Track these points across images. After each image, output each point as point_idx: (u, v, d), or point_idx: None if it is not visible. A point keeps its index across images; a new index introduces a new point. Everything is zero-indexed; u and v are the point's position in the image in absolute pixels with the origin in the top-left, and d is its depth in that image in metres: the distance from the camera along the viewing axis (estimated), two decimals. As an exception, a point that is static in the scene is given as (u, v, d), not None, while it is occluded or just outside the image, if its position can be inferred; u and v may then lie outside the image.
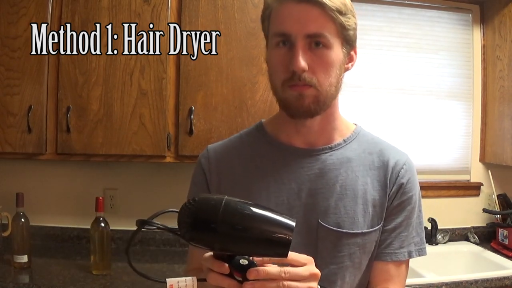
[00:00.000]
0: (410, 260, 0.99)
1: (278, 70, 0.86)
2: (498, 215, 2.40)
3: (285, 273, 0.69)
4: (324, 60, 0.84)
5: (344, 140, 0.96)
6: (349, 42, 0.88)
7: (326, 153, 0.93)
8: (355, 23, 0.88)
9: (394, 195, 0.93)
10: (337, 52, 0.86)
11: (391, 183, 0.93)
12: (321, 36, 0.83)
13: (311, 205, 0.90)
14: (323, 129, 0.94)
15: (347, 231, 0.89)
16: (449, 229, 2.43)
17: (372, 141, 0.98)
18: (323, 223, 0.89)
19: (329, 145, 0.94)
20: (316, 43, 0.84)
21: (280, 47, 0.85)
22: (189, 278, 0.73)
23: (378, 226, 0.92)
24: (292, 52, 0.83)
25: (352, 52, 0.92)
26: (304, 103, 0.85)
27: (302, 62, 0.82)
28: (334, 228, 0.89)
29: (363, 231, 0.90)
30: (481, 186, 2.54)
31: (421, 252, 0.97)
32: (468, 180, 2.56)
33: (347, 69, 0.92)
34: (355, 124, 1.01)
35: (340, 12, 0.83)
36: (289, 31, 0.83)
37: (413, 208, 0.95)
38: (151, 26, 1.89)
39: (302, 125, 0.92)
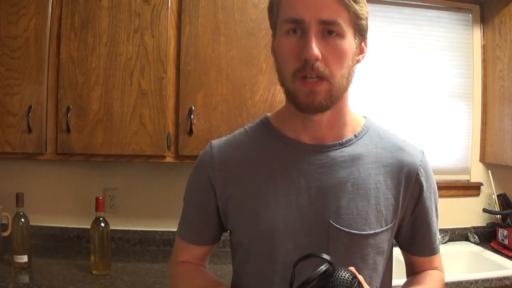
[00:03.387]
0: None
1: (288, 59, 0.82)
2: (498, 215, 2.40)
3: None
4: (338, 50, 0.81)
5: (355, 136, 0.92)
6: (361, 32, 0.85)
7: (336, 149, 0.90)
8: (367, 13, 0.86)
9: (418, 194, 0.92)
10: (350, 41, 0.82)
11: (410, 182, 0.91)
12: (334, 23, 0.79)
13: (321, 204, 0.87)
14: (333, 125, 0.90)
15: (360, 232, 0.86)
16: (449, 229, 2.43)
17: (384, 135, 0.95)
18: (334, 224, 0.86)
19: (339, 141, 0.90)
20: (329, 31, 0.80)
21: (291, 34, 0.81)
22: None
23: (391, 225, 0.90)
24: (304, 39, 0.79)
25: (363, 44, 0.88)
26: (316, 99, 0.81)
27: (316, 50, 0.78)
28: (346, 229, 0.86)
29: (376, 231, 0.87)
30: (481, 186, 2.54)
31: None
32: (468, 180, 2.56)
33: (358, 61, 0.88)
34: (365, 117, 0.98)
35: (354, 0, 0.81)
36: (301, 16, 0.79)
37: (436, 200, 0.98)
38: (151, 26, 1.89)
39: (309, 120, 0.88)
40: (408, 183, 0.91)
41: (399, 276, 1.10)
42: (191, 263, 1.03)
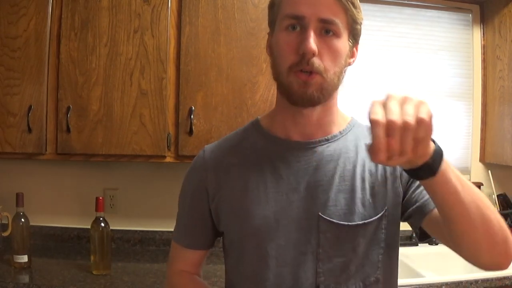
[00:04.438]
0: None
1: (285, 53, 0.86)
2: (498, 215, 2.40)
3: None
4: (333, 48, 0.85)
5: (340, 132, 0.95)
6: (354, 37, 0.90)
7: (323, 145, 0.93)
8: (362, 19, 0.90)
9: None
10: (344, 43, 0.87)
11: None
12: (333, 23, 0.84)
13: (310, 198, 0.90)
14: (321, 122, 0.93)
15: (348, 223, 0.88)
16: (449, 229, 2.42)
17: (368, 132, 0.97)
18: (324, 216, 0.88)
19: (326, 137, 0.94)
20: (327, 30, 0.84)
21: (290, 31, 0.86)
22: None
23: (382, 212, 0.90)
24: (303, 35, 0.83)
25: (354, 49, 0.92)
26: (308, 90, 0.85)
27: (314, 45, 0.82)
28: (335, 221, 0.88)
29: (365, 221, 0.88)
30: (481, 186, 2.54)
31: None
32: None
33: (349, 64, 0.92)
34: (351, 117, 1.01)
35: (353, 4, 0.85)
36: (302, 13, 0.83)
37: None
38: (151, 26, 1.89)
39: (300, 116, 0.91)
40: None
41: (398, 276, 1.10)
42: (187, 274, 1.06)
